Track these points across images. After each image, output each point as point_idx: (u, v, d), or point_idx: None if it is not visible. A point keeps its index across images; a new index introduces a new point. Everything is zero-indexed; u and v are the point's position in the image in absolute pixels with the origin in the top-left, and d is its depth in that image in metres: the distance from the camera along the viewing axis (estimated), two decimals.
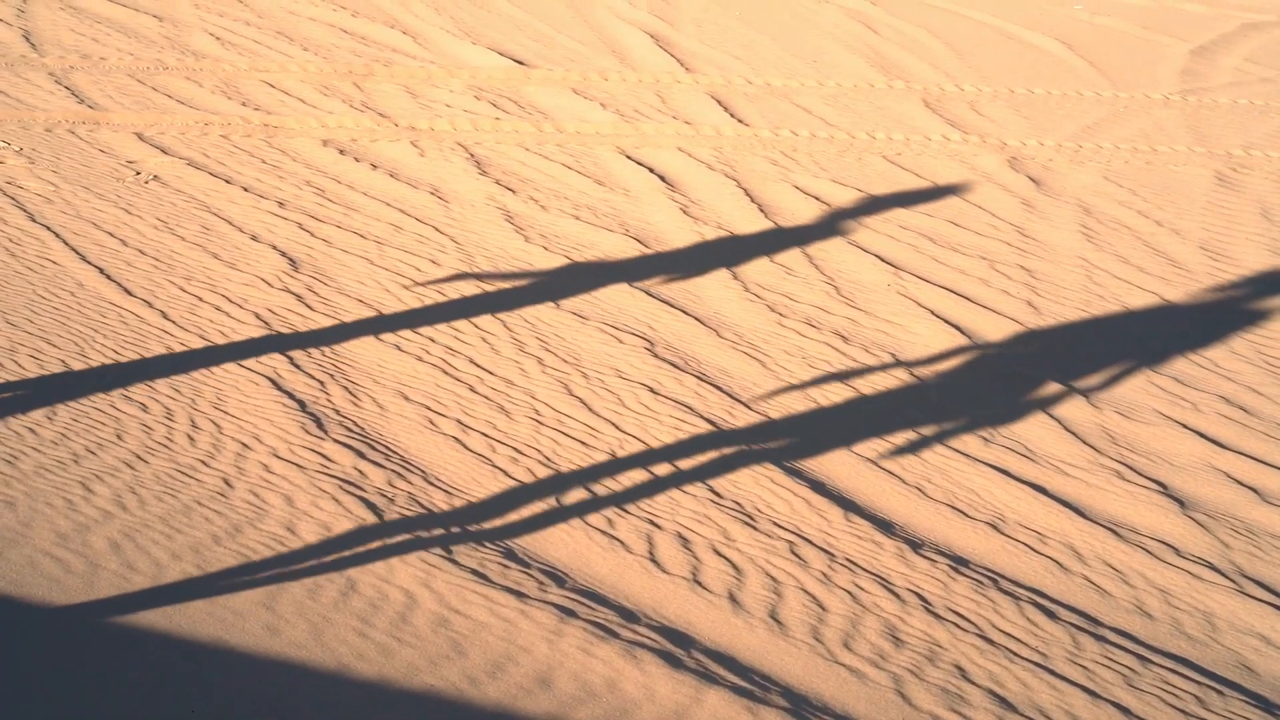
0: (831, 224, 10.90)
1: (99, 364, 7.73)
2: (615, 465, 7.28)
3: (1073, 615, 6.45)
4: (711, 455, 7.46)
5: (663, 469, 7.29)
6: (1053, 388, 8.59)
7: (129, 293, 8.60)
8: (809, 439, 7.73)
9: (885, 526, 6.98)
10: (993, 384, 8.60)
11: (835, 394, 8.27)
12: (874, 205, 11.36)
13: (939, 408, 8.23)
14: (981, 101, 14.42)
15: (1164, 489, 7.61)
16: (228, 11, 15.21)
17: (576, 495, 6.96)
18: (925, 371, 8.67)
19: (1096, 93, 15.07)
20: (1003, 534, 7.04)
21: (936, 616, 6.31)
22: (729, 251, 10.20)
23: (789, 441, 7.69)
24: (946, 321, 9.36)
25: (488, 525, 6.64)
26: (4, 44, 13.28)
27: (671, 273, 9.73)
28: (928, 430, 7.96)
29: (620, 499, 6.97)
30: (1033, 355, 9.01)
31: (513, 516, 6.74)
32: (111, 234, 9.39)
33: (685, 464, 7.36)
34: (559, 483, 7.06)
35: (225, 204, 10.11)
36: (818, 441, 7.71)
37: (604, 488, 7.05)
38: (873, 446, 7.72)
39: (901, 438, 7.85)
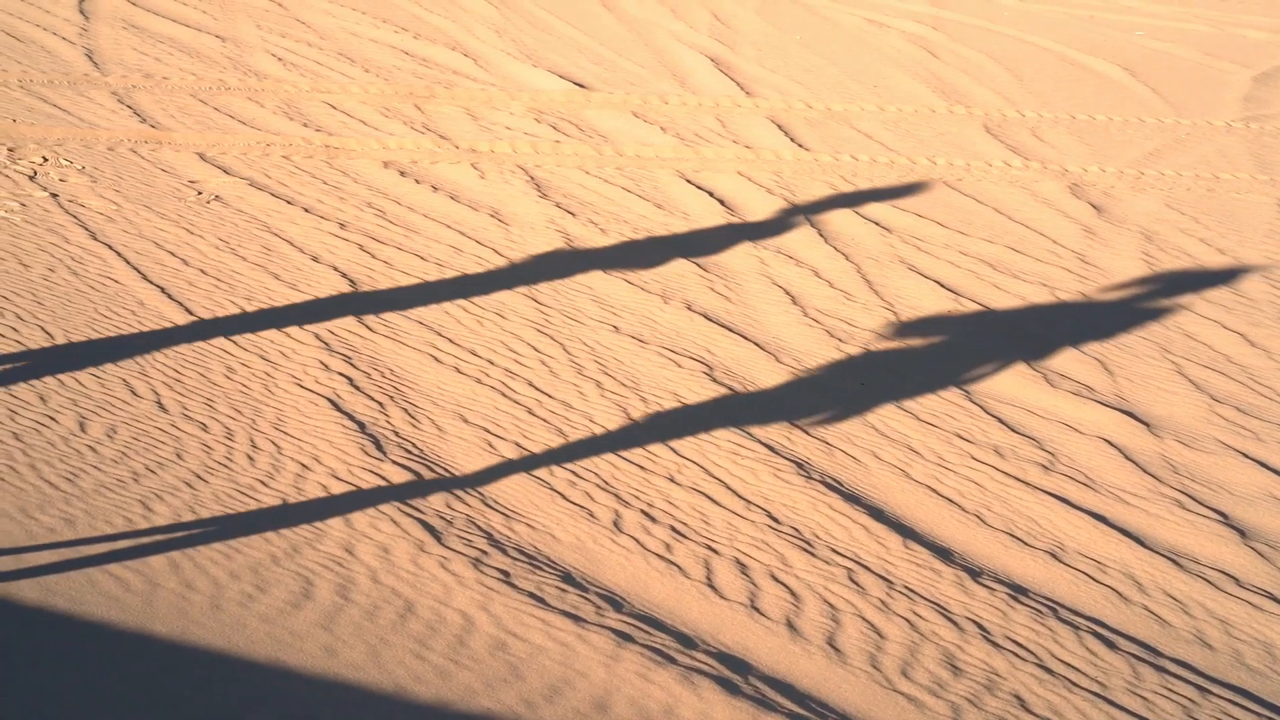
0: (891, 249, 10.86)
1: (160, 382, 7.77)
2: (673, 490, 7.27)
3: (1132, 645, 6.40)
4: (769, 480, 7.44)
5: (721, 494, 7.27)
6: (1113, 415, 8.54)
7: (190, 312, 8.64)
8: (867, 465, 7.71)
9: (944, 554, 6.95)
10: (1052, 411, 8.55)
11: (894, 420, 8.24)
12: (934, 231, 11.32)
13: (998, 435, 8.19)
14: (1043, 127, 14.37)
15: (1225, 519, 7.55)
16: (290, 32, 15.30)
17: (634, 519, 6.96)
18: (984, 397, 8.63)
19: (1158, 119, 14.99)
20: (1062, 563, 7.00)
21: (995, 645, 6.27)
22: (788, 276, 10.17)
23: (847, 467, 7.66)
24: (1007, 348, 9.32)
25: (545, 548, 6.63)
26: (67, 63, 13.40)
27: (730, 296, 9.72)
28: (986, 457, 7.92)
29: (678, 524, 6.96)
30: (1091, 382, 8.96)
31: (570, 540, 6.73)
32: (173, 253, 9.45)
33: (743, 489, 7.34)
34: (617, 506, 7.05)
35: (286, 225, 10.16)
36: (876, 468, 7.69)
37: (662, 512, 7.04)
38: (931, 473, 7.69)
39: (961, 464, 7.81)
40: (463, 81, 14.15)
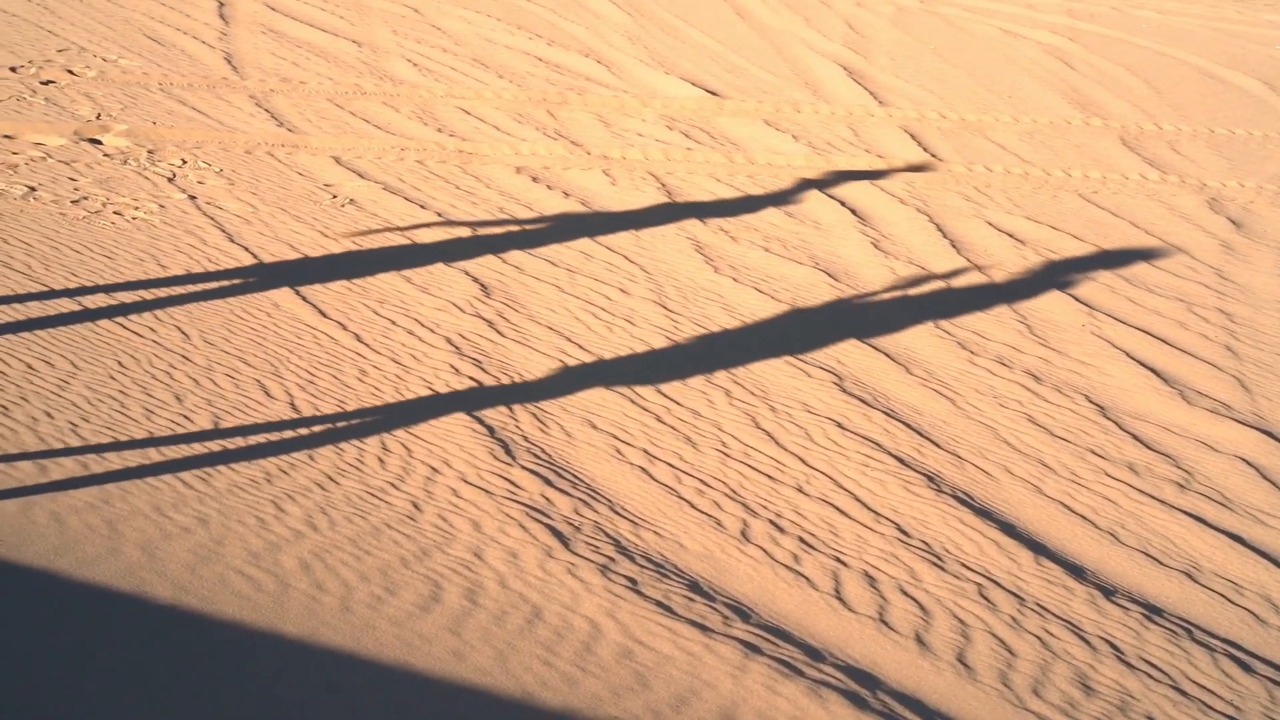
0: (1025, 262, 10.75)
1: (294, 384, 7.83)
2: (802, 500, 7.23)
3: (1269, 669, 6.28)
4: (899, 493, 7.38)
5: (850, 506, 7.22)
6: (1250, 434, 8.39)
7: (324, 315, 8.71)
8: (999, 480, 7.62)
9: (1076, 571, 6.85)
10: (1188, 429, 8.42)
11: (1027, 435, 8.15)
12: (1068, 244, 11.20)
13: (1132, 452, 8.08)
14: (1181, 141, 14.17)
15: None
16: (425, 38, 15.40)
17: (762, 529, 6.92)
18: (1119, 414, 8.52)
19: None
20: (1197, 583, 6.88)
21: (1128, 666, 6.18)
22: (920, 287, 10.10)
23: (979, 481, 7.58)
24: (1142, 364, 9.19)
25: (672, 557, 6.61)
26: (206, 66, 13.56)
27: (861, 307, 9.66)
28: (1121, 474, 7.81)
29: (807, 535, 6.91)
30: (1228, 400, 8.81)
31: (697, 549, 6.71)
32: (307, 256, 9.52)
33: (873, 501, 7.28)
34: (745, 516, 7.02)
35: (419, 229, 10.21)
36: (1008, 483, 7.60)
37: (790, 523, 7.00)
38: (1064, 490, 7.59)
39: (1094, 481, 7.71)
40: (595, 88, 14.18)
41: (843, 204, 11.65)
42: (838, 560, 6.73)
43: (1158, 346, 9.50)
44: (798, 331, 9.19)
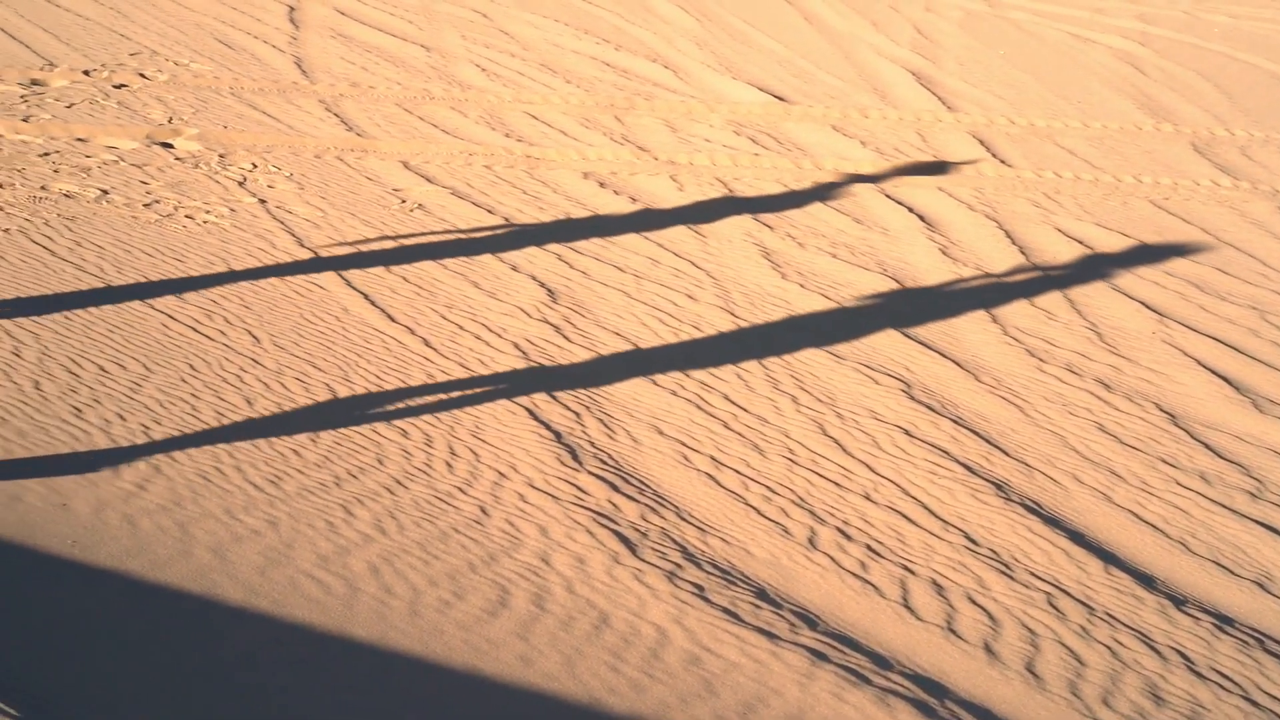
0: (1094, 268, 10.69)
1: (362, 388, 7.87)
2: (870, 508, 7.21)
3: None
4: (967, 501, 7.35)
5: (917, 514, 7.20)
6: None
7: (392, 319, 8.75)
8: (1068, 488, 7.58)
9: (1146, 581, 6.81)
10: (1260, 438, 8.36)
11: (1096, 443, 8.10)
12: (1139, 250, 11.13)
13: (1204, 461, 8.02)
14: (1253, 146, 14.06)
15: None
16: (493, 43, 15.44)
17: (829, 537, 6.91)
18: (1190, 422, 8.46)
19: None
20: (1270, 593, 6.83)
21: (1199, 676, 6.13)
22: (988, 294, 10.06)
23: (1048, 489, 7.54)
24: (1213, 372, 9.12)
25: (739, 563, 6.61)
26: (277, 71, 13.64)
27: (929, 314, 9.63)
28: (1192, 483, 7.75)
29: (874, 542, 6.90)
30: None
31: (764, 556, 6.70)
32: (376, 260, 9.56)
33: (941, 509, 7.26)
34: (812, 523, 7.01)
35: (486, 233, 10.24)
36: (1077, 491, 7.56)
37: (858, 530, 6.99)
38: (1134, 498, 7.55)
39: (1165, 490, 7.66)
40: (662, 93, 14.18)
41: (910, 210, 11.61)
42: (905, 568, 6.71)
43: (1229, 354, 9.43)
44: (865, 338, 9.16)
